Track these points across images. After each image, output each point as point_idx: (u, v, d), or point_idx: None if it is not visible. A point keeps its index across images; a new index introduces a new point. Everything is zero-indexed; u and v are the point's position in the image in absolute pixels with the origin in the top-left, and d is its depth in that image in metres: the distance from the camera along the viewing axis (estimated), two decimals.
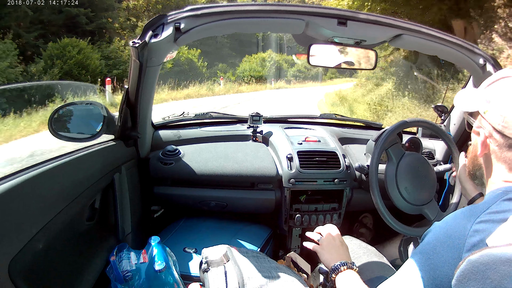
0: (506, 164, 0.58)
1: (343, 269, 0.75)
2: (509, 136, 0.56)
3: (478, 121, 0.63)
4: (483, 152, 0.62)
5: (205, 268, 0.89)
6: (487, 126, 0.60)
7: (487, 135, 0.60)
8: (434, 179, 1.11)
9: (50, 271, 0.70)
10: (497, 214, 0.50)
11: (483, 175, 0.66)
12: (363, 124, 1.71)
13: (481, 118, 0.62)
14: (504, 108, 0.57)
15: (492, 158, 0.61)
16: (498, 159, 0.60)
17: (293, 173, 1.18)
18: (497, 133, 0.58)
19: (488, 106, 0.60)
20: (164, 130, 1.37)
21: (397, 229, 1.04)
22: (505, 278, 0.44)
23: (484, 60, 1.01)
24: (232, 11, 0.84)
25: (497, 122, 0.57)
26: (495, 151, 0.60)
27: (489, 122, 0.59)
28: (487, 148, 0.61)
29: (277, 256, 1.30)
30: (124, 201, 1.02)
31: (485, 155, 0.63)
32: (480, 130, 0.61)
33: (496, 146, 0.59)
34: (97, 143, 0.93)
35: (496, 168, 0.60)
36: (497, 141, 0.59)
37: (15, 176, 0.59)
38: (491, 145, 0.60)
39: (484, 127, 0.61)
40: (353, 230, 1.58)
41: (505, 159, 0.58)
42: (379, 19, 0.90)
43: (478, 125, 0.63)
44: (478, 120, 0.63)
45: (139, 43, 0.82)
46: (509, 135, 0.56)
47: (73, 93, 7.37)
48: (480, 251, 0.47)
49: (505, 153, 0.58)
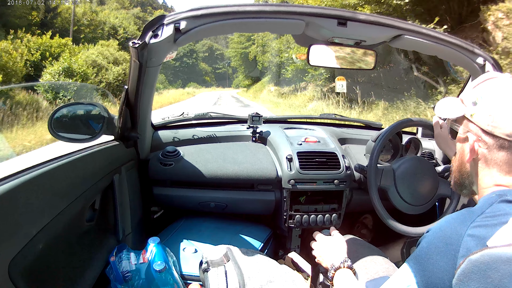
0: (497, 166, 0.57)
1: (337, 268, 0.77)
2: (499, 136, 0.55)
3: (464, 126, 0.62)
4: (471, 157, 0.60)
5: (205, 268, 0.90)
6: (475, 129, 0.59)
7: (475, 139, 0.59)
8: (435, 176, 1.11)
9: (50, 271, 0.70)
10: (493, 218, 0.50)
11: (472, 183, 0.64)
12: (363, 124, 1.71)
13: (468, 122, 0.60)
14: (492, 108, 0.56)
15: (481, 163, 0.60)
16: (488, 163, 0.58)
17: (293, 174, 1.18)
18: (486, 134, 0.57)
19: (475, 109, 0.59)
20: (163, 131, 1.37)
21: (396, 229, 1.04)
22: (505, 277, 0.44)
23: (483, 60, 1.01)
24: (232, 12, 0.85)
25: (486, 123, 0.56)
26: (484, 155, 0.58)
27: (477, 125, 0.58)
28: (475, 153, 0.59)
29: (277, 256, 1.30)
30: (124, 202, 1.02)
31: (473, 161, 0.61)
32: (468, 134, 0.60)
33: (485, 149, 0.58)
34: (97, 144, 0.93)
35: (486, 173, 0.59)
36: (486, 144, 0.57)
37: (16, 176, 0.59)
38: (480, 149, 0.59)
39: (472, 131, 0.59)
40: (354, 231, 1.58)
41: (496, 161, 0.57)
42: (379, 20, 0.91)
43: (465, 130, 0.61)
44: (464, 125, 0.62)
45: (139, 44, 0.82)
46: (499, 135, 0.55)
47: None
48: (480, 251, 0.47)
49: (496, 154, 0.57)
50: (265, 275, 0.88)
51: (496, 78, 0.59)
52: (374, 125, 1.69)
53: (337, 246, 0.85)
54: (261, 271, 0.89)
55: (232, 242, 1.05)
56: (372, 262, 0.99)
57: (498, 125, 0.55)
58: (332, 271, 0.78)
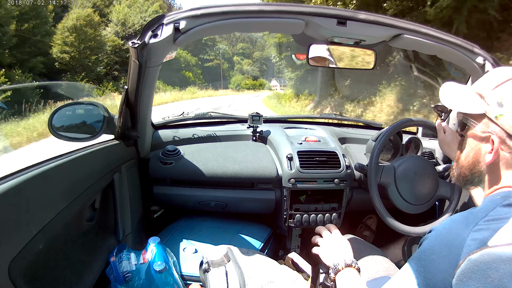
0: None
1: (341, 268, 0.74)
2: None
3: (484, 125, 0.58)
4: (493, 159, 0.57)
5: (205, 268, 0.89)
6: (499, 132, 0.56)
7: (498, 141, 0.56)
8: (435, 176, 1.11)
9: (50, 271, 0.70)
10: (496, 222, 0.49)
11: (482, 181, 0.62)
12: (363, 124, 1.72)
13: (490, 122, 0.57)
14: None
15: (501, 164, 0.57)
16: (508, 166, 0.56)
17: (293, 173, 1.18)
18: (511, 139, 0.55)
19: (502, 110, 0.55)
20: (164, 130, 1.37)
21: (395, 228, 1.04)
22: (505, 277, 0.44)
23: (483, 59, 1.01)
24: (231, 12, 0.84)
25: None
26: (506, 158, 0.56)
27: (503, 128, 0.55)
28: (497, 155, 0.57)
29: (277, 256, 1.30)
30: (124, 201, 1.02)
31: (492, 162, 0.58)
32: (492, 136, 0.57)
33: (508, 153, 0.56)
34: (97, 143, 0.93)
35: (502, 174, 0.57)
36: (510, 148, 0.55)
37: (15, 176, 0.59)
38: (503, 151, 0.56)
39: (496, 133, 0.56)
40: (357, 232, 1.57)
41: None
42: (378, 19, 0.91)
43: (485, 129, 0.58)
44: (483, 124, 0.58)
45: (138, 44, 0.82)
46: None
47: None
48: (480, 251, 0.47)
49: None
50: (266, 275, 0.88)
51: None
52: (374, 124, 1.70)
53: (342, 245, 0.82)
54: (262, 271, 0.89)
55: (233, 242, 1.05)
56: (373, 261, 0.98)
57: None
58: (336, 270, 0.75)
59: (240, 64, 57.19)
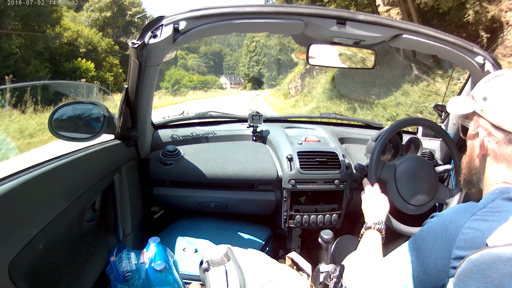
0: (506, 162, 0.58)
1: (372, 227, 0.82)
2: (508, 130, 0.57)
3: (475, 122, 0.63)
4: (481, 153, 0.62)
5: (205, 267, 0.90)
6: (485, 124, 0.60)
7: (485, 134, 0.60)
8: (435, 179, 1.11)
9: (50, 271, 0.70)
10: (493, 213, 0.51)
11: (479, 180, 0.66)
12: (363, 124, 1.71)
13: (478, 117, 0.62)
14: (501, 102, 0.58)
15: (490, 158, 0.61)
16: (497, 158, 0.60)
17: (293, 174, 1.18)
18: (496, 129, 0.58)
19: (485, 104, 0.60)
20: (164, 130, 1.37)
21: (396, 229, 1.04)
22: (505, 277, 0.44)
23: (483, 59, 1.01)
24: (231, 13, 0.85)
25: (496, 117, 0.58)
26: (493, 150, 0.60)
27: (487, 119, 0.60)
28: (485, 148, 0.61)
29: (277, 256, 1.30)
30: (124, 203, 1.02)
31: (482, 157, 0.62)
32: (479, 129, 0.62)
33: (495, 144, 0.59)
34: (97, 143, 0.93)
35: (494, 168, 0.60)
36: (496, 138, 0.59)
37: (16, 176, 0.59)
38: (490, 144, 0.60)
39: (482, 126, 0.61)
40: (357, 232, 1.57)
41: (504, 156, 0.58)
42: (378, 20, 0.91)
43: (475, 125, 0.63)
44: (474, 121, 0.63)
45: (138, 44, 0.82)
46: (509, 129, 0.56)
47: None
48: (480, 251, 0.47)
49: (505, 149, 0.58)
50: (266, 274, 0.88)
51: (506, 74, 0.61)
52: (374, 124, 1.69)
53: (377, 204, 0.90)
54: (262, 270, 0.89)
55: (233, 242, 1.05)
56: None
57: (508, 119, 0.56)
58: (366, 227, 0.83)
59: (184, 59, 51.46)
